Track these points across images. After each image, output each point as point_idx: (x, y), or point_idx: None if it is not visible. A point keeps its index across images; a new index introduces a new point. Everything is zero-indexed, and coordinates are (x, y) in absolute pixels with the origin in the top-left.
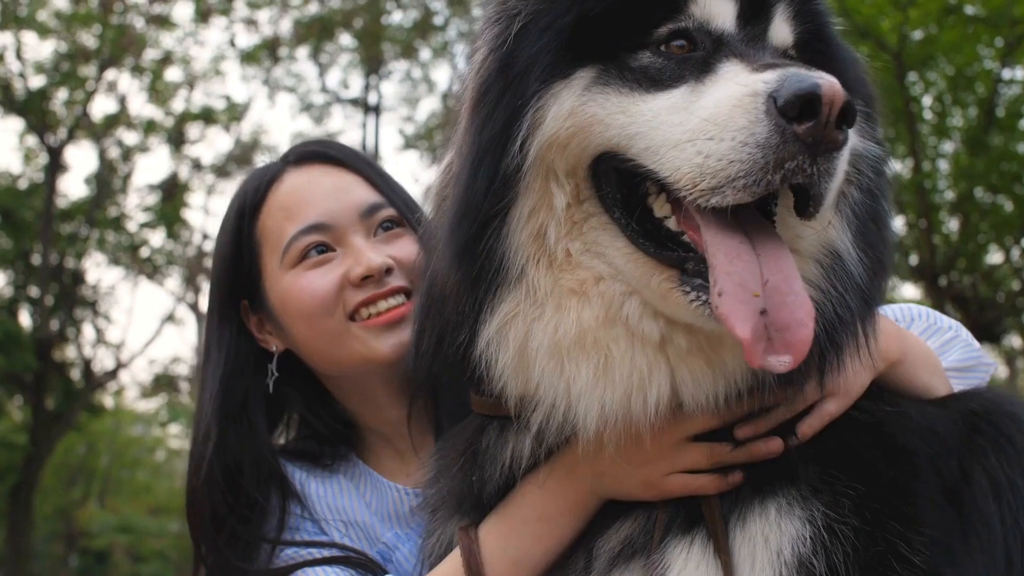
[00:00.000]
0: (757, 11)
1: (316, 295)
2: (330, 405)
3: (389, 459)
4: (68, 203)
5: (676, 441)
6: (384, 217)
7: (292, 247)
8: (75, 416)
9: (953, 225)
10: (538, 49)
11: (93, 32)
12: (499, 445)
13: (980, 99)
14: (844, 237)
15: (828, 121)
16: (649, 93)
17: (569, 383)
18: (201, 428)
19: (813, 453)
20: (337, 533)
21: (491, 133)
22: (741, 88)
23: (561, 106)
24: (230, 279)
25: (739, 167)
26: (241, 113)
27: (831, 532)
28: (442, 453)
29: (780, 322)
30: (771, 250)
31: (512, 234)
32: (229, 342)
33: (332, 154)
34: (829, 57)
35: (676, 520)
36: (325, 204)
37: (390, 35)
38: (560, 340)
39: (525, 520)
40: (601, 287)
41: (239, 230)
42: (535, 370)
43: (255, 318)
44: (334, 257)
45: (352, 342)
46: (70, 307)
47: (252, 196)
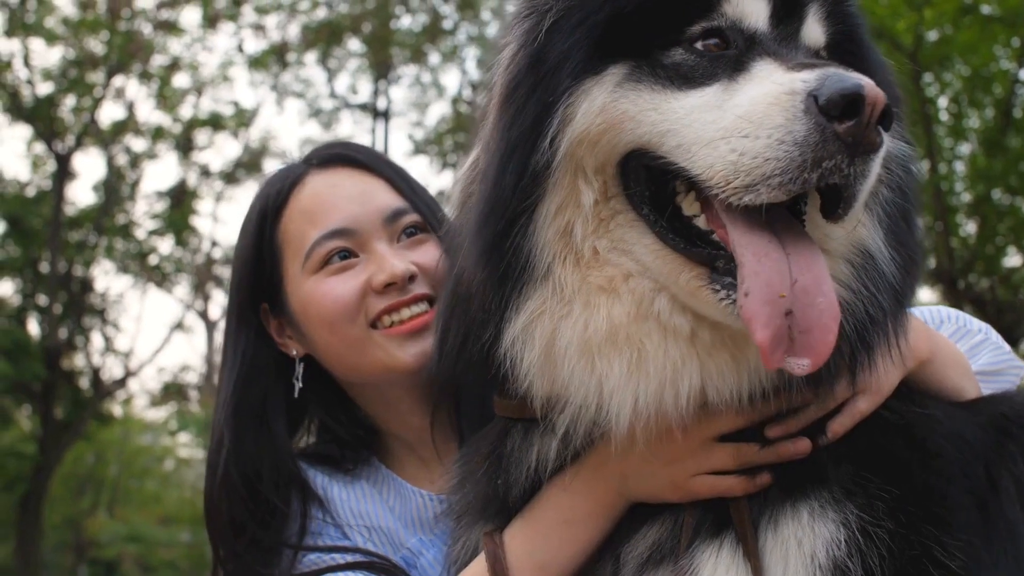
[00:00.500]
0: (790, 11)
1: (338, 301)
2: (351, 411)
3: (413, 465)
4: (76, 211)
5: (703, 441)
6: (408, 223)
7: (314, 252)
8: (84, 425)
9: (971, 228)
10: (570, 45)
11: (101, 38)
12: (524, 448)
13: (997, 100)
14: (875, 236)
15: (869, 122)
16: (681, 91)
17: (601, 379)
18: (215, 433)
19: (845, 454)
20: (360, 538)
21: (520, 129)
22: (777, 86)
23: (592, 102)
24: (250, 282)
25: (775, 165)
26: (249, 119)
27: (866, 535)
28: (466, 459)
29: (804, 324)
30: (802, 250)
31: (539, 231)
32: (246, 346)
33: (356, 157)
34: (860, 59)
35: (704, 524)
36: (348, 209)
37: (399, 40)
38: (591, 337)
39: (551, 523)
40: (631, 284)
41: (260, 233)
42: (563, 368)
43: (275, 322)
44: (357, 263)
45: (374, 350)
46: (79, 315)
47: (274, 199)
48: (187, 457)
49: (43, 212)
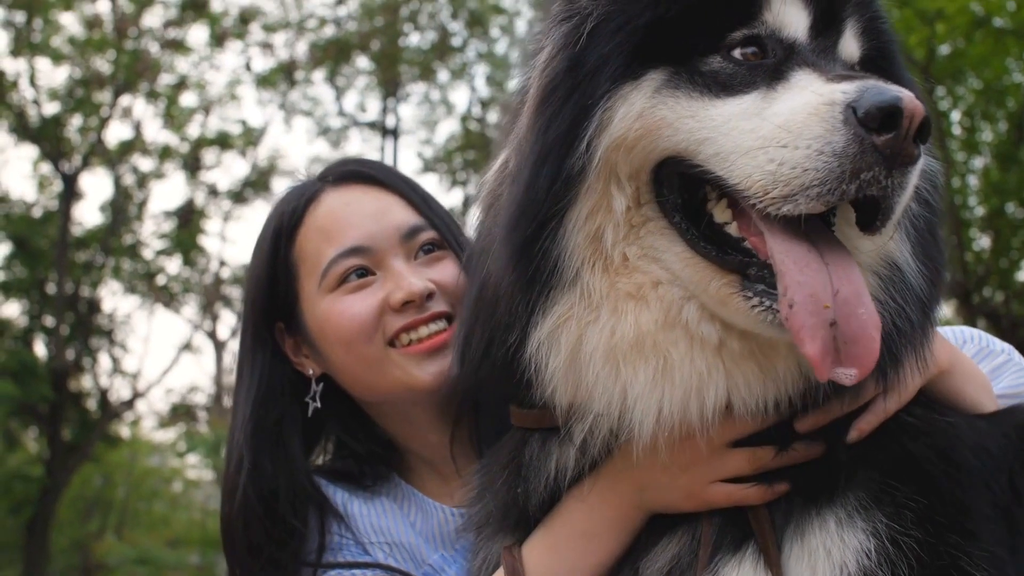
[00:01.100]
0: (829, 23)
1: (355, 320)
2: (369, 428)
3: (433, 481)
4: (83, 231)
5: (717, 447)
6: (425, 240)
7: (331, 270)
8: (91, 447)
9: (984, 242)
10: (610, 49)
11: (107, 58)
12: (543, 457)
13: (1010, 113)
14: (903, 249)
15: (908, 134)
16: (719, 98)
17: (625, 386)
18: (234, 454)
19: (870, 460)
20: (381, 554)
21: (557, 132)
22: (817, 97)
23: (631, 108)
24: (265, 301)
25: (814, 175)
26: (257, 138)
27: (896, 544)
28: (485, 470)
29: (849, 335)
30: (840, 260)
31: (569, 236)
32: (262, 365)
33: (371, 174)
34: (891, 75)
35: (726, 537)
36: (365, 226)
37: (408, 57)
38: (617, 344)
39: (568, 536)
40: (660, 291)
41: (275, 251)
42: (588, 374)
43: (291, 341)
44: (374, 281)
45: (391, 369)
46: (86, 336)
47: (289, 217)
48: (195, 479)
49: (50, 233)
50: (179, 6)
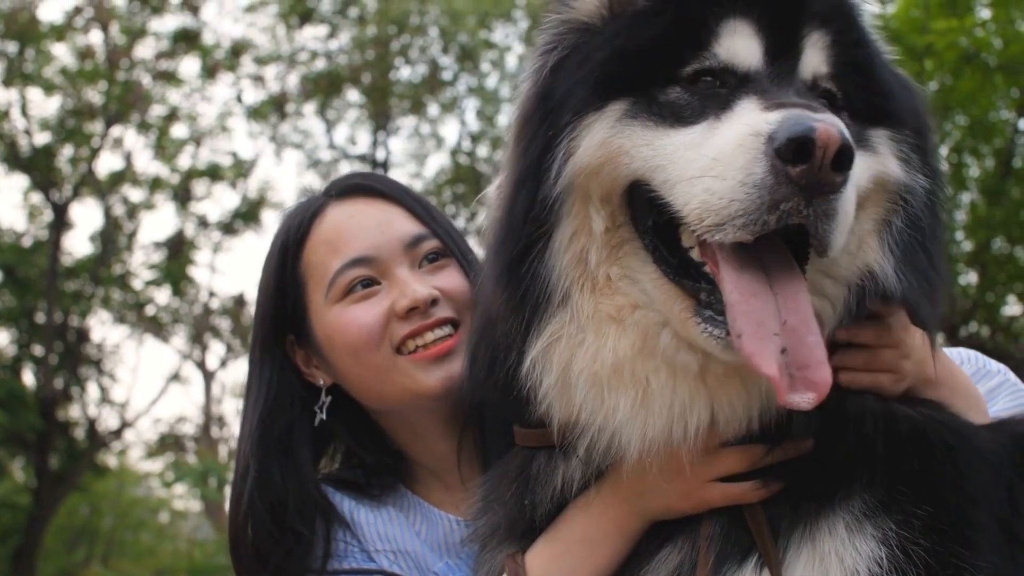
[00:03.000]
0: (785, 46)
1: (362, 329)
2: (378, 438)
3: (438, 491)
4: (73, 261)
5: (708, 447)
6: (428, 248)
7: (337, 281)
8: (79, 476)
9: (972, 277)
10: (575, 82)
11: (99, 88)
12: (550, 469)
13: (997, 149)
14: (886, 263)
15: (823, 165)
16: (673, 128)
17: (609, 412)
18: (240, 463)
19: (872, 464)
20: (386, 562)
21: (529, 160)
22: (746, 127)
23: (593, 136)
24: (273, 315)
25: (738, 206)
26: (248, 170)
27: (906, 553)
28: (492, 483)
29: (800, 361)
30: (790, 289)
31: (555, 256)
32: (270, 378)
33: (374, 186)
34: (868, 88)
35: (731, 546)
36: (369, 237)
37: (398, 91)
38: (599, 370)
39: (570, 543)
40: (637, 315)
41: (283, 266)
42: (577, 395)
43: (301, 353)
44: (379, 290)
45: (399, 376)
46: (74, 366)
47: (295, 232)
48: (182, 509)
49: (39, 262)
50: (171, 38)
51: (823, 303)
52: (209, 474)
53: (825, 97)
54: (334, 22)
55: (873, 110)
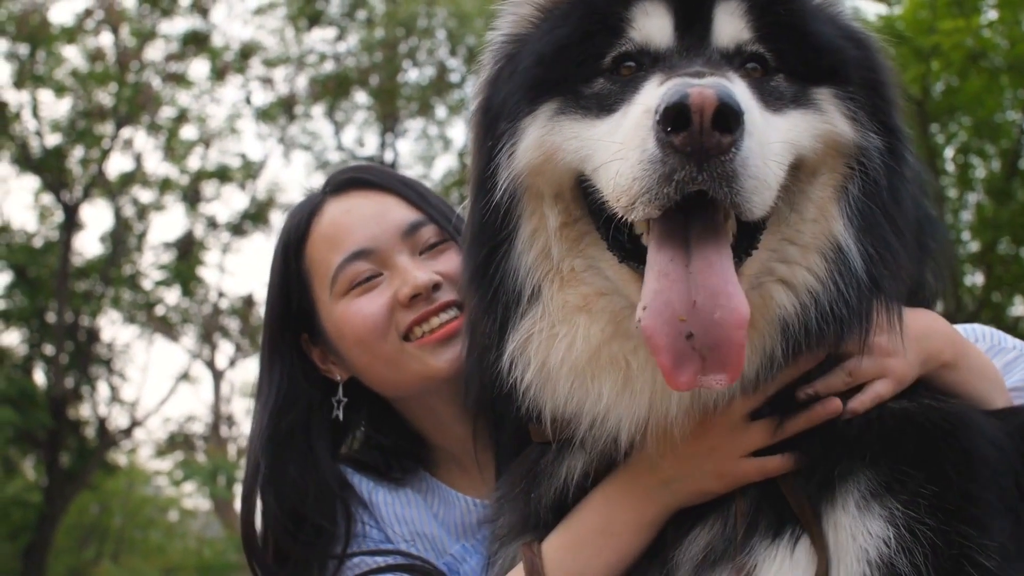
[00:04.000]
0: (693, 19)
1: (368, 320)
2: (397, 424)
3: (455, 473)
4: (83, 261)
5: (735, 423)
6: (427, 234)
7: (339, 276)
8: (90, 475)
9: (978, 277)
10: (509, 90)
11: (109, 90)
12: (556, 464)
13: (1003, 150)
14: (846, 231)
15: (703, 128)
16: (599, 119)
17: (595, 399)
18: (250, 464)
19: (877, 444)
20: (404, 544)
21: (479, 168)
22: (641, 106)
23: (528, 138)
24: (281, 315)
25: (639, 184)
26: (256, 171)
27: (912, 533)
28: (506, 484)
29: (709, 342)
30: (704, 261)
31: (520, 256)
32: (280, 378)
33: (368, 179)
34: (802, 46)
35: (761, 522)
36: (367, 229)
37: (406, 93)
38: (577, 359)
39: (588, 533)
40: (602, 302)
41: (286, 266)
42: (560, 388)
43: (316, 350)
44: (381, 280)
45: (409, 362)
46: (85, 365)
47: (295, 231)
48: (191, 508)
49: (50, 262)
50: (181, 40)
51: (793, 269)
52: (218, 472)
53: (756, 61)
54: (342, 24)
55: (812, 68)
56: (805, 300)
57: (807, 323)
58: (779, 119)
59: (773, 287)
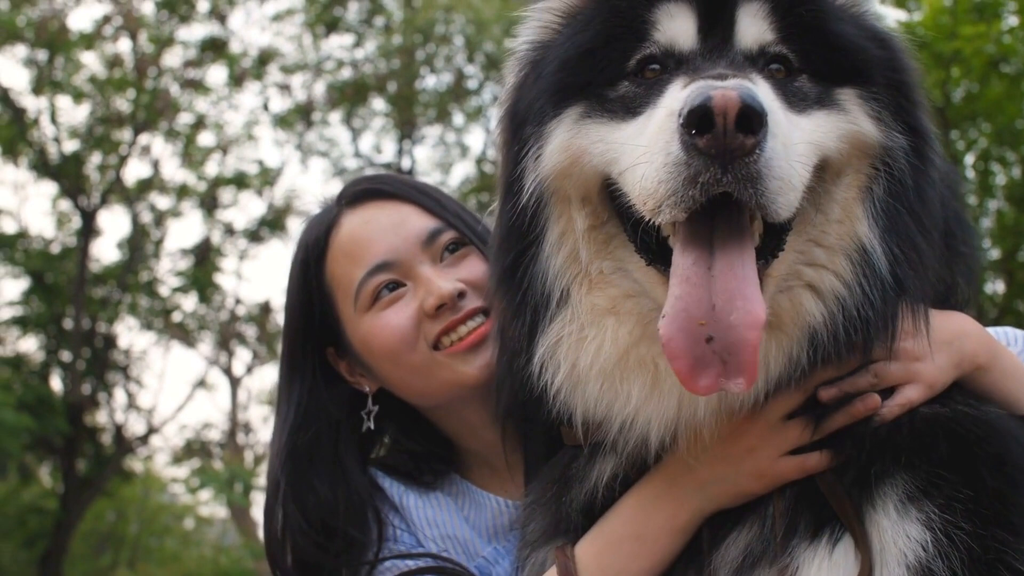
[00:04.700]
0: (716, 21)
1: (396, 333)
2: (427, 431)
3: (484, 475)
4: (100, 267)
5: (771, 424)
6: (447, 241)
7: (362, 290)
8: (106, 482)
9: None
10: (534, 95)
11: (127, 96)
12: (588, 467)
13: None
14: (871, 232)
15: (726, 130)
16: (624, 121)
17: (624, 401)
18: (270, 482)
19: (912, 447)
20: (435, 547)
21: (506, 172)
22: (665, 109)
23: (554, 142)
24: (301, 330)
25: (665, 186)
26: (274, 178)
27: (949, 538)
28: (537, 489)
29: (726, 346)
30: (727, 263)
31: (549, 258)
32: (299, 395)
33: (384, 188)
34: (825, 47)
35: (800, 523)
36: (386, 241)
37: (424, 100)
38: (605, 362)
39: (621, 537)
40: (630, 304)
41: (306, 282)
42: (590, 391)
43: (343, 363)
44: (406, 292)
45: (440, 371)
46: (102, 372)
47: (314, 247)
48: (208, 515)
49: (67, 269)
50: (199, 46)
51: (820, 273)
52: (235, 480)
53: (779, 62)
54: (360, 31)
55: (836, 69)
56: (832, 307)
57: (835, 331)
58: (803, 120)
59: (802, 293)
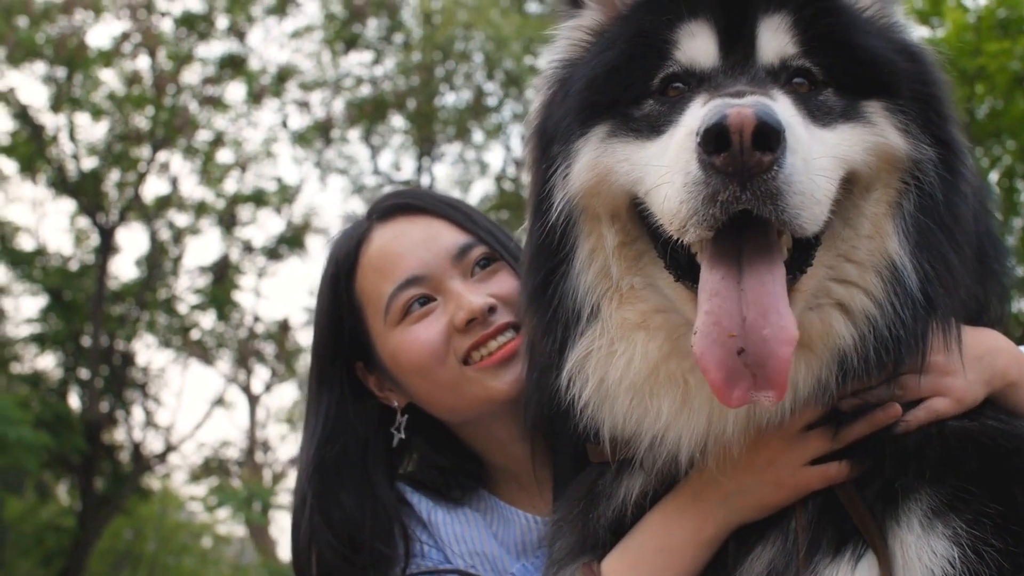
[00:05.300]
0: (737, 37)
1: (425, 348)
2: (454, 445)
3: (513, 490)
4: (119, 285)
5: (792, 433)
6: (478, 256)
7: (393, 305)
8: (124, 500)
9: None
10: (562, 114)
11: (146, 114)
12: (615, 484)
13: None
14: (901, 248)
15: (743, 148)
16: (649, 140)
17: (653, 417)
18: (297, 496)
19: (941, 465)
20: (462, 563)
21: (535, 190)
22: (685, 128)
23: (581, 161)
24: (331, 345)
25: (687, 206)
26: (293, 195)
27: (978, 554)
28: (563, 507)
29: (757, 359)
30: (756, 279)
31: (580, 274)
32: (328, 407)
33: (414, 203)
34: (849, 59)
35: (824, 539)
36: (416, 255)
37: (443, 117)
38: (635, 377)
39: (648, 551)
40: (659, 319)
41: (336, 297)
42: (620, 406)
43: (372, 378)
44: (436, 306)
45: (470, 386)
46: (120, 389)
47: (344, 262)
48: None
49: (86, 286)
50: (217, 64)
51: (851, 291)
52: (253, 499)
53: (803, 75)
54: (379, 48)
55: (861, 81)
56: (863, 329)
57: (866, 354)
58: (828, 133)
59: (832, 313)
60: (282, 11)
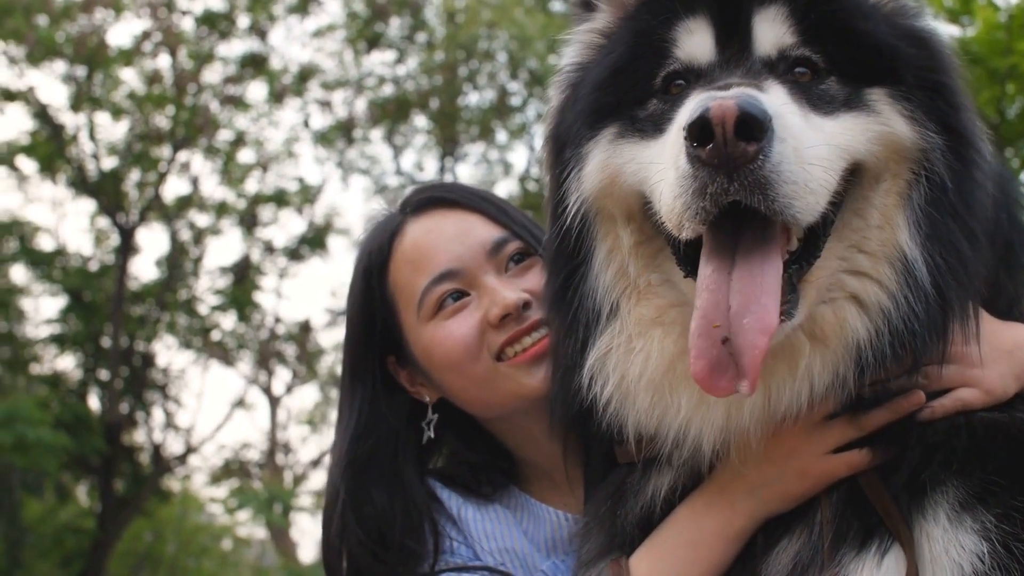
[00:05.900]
0: (733, 31)
1: (459, 343)
2: (485, 441)
3: (544, 487)
4: (139, 285)
5: (813, 422)
6: (512, 251)
7: (426, 299)
8: (144, 501)
9: None
10: (572, 118)
11: (167, 113)
12: (643, 482)
13: None
14: (912, 242)
15: (726, 139)
16: (653, 139)
17: (674, 412)
18: (329, 491)
19: (969, 457)
20: (492, 560)
21: (552, 194)
22: (677, 124)
23: (592, 163)
24: (364, 339)
25: (681, 201)
26: (314, 195)
27: (1008, 549)
28: (592, 507)
29: (737, 348)
30: (746, 271)
31: (599, 274)
32: (361, 402)
33: (448, 197)
34: (851, 46)
35: (849, 532)
36: (451, 250)
37: (466, 116)
38: (654, 372)
39: (675, 546)
40: (674, 314)
41: (369, 290)
42: (639, 402)
43: (404, 372)
44: (470, 301)
45: (503, 382)
46: (140, 390)
47: (377, 255)
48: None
49: (106, 287)
50: (238, 63)
51: (864, 284)
52: (274, 501)
53: (804, 65)
54: (402, 47)
55: (864, 68)
56: (878, 322)
57: (882, 347)
58: (830, 122)
59: (846, 307)
60: (304, 10)
